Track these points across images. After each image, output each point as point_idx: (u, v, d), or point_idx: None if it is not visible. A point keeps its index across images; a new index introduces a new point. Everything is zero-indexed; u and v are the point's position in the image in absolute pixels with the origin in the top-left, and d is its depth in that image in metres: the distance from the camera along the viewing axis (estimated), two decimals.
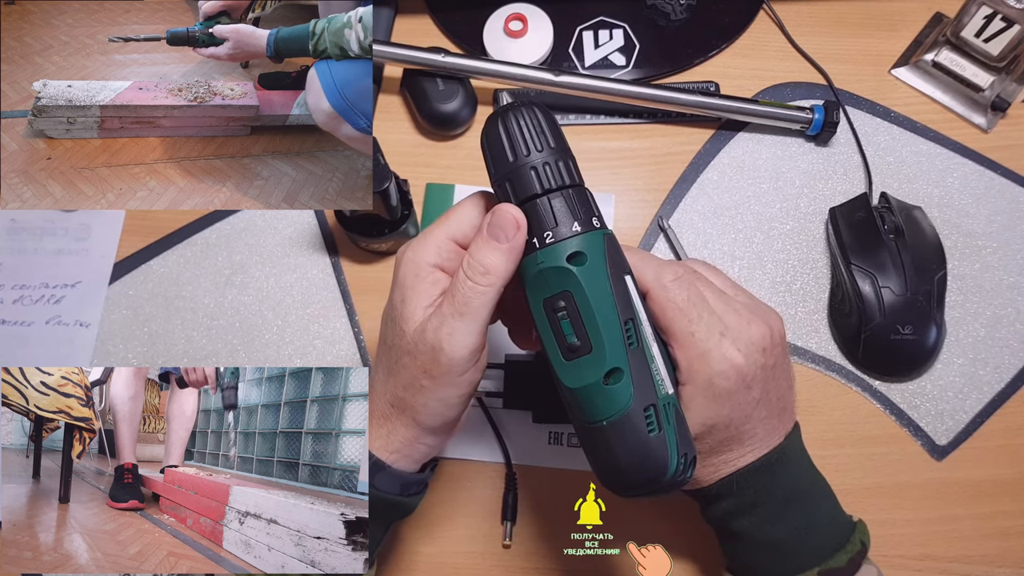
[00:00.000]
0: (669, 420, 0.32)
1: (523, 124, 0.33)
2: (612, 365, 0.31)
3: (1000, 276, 0.55)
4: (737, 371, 0.34)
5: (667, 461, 0.31)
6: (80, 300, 0.58)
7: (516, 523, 0.50)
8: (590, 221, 0.33)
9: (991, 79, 0.59)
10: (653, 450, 0.31)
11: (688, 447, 0.32)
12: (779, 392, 0.37)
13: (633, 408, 0.31)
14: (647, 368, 0.32)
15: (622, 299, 0.32)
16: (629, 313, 0.32)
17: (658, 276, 0.35)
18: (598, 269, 0.32)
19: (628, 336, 0.32)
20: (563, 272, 0.32)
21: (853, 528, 0.38)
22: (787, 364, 0.38)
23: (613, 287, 0.32)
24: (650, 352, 0.33)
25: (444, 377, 0.34)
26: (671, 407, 0.32)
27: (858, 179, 0.59)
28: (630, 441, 0.31)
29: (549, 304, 0.32)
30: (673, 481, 0.31)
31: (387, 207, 0.52)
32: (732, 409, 0.35)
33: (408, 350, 0.35)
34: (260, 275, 0.59)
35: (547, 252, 0.32)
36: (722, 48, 0.64)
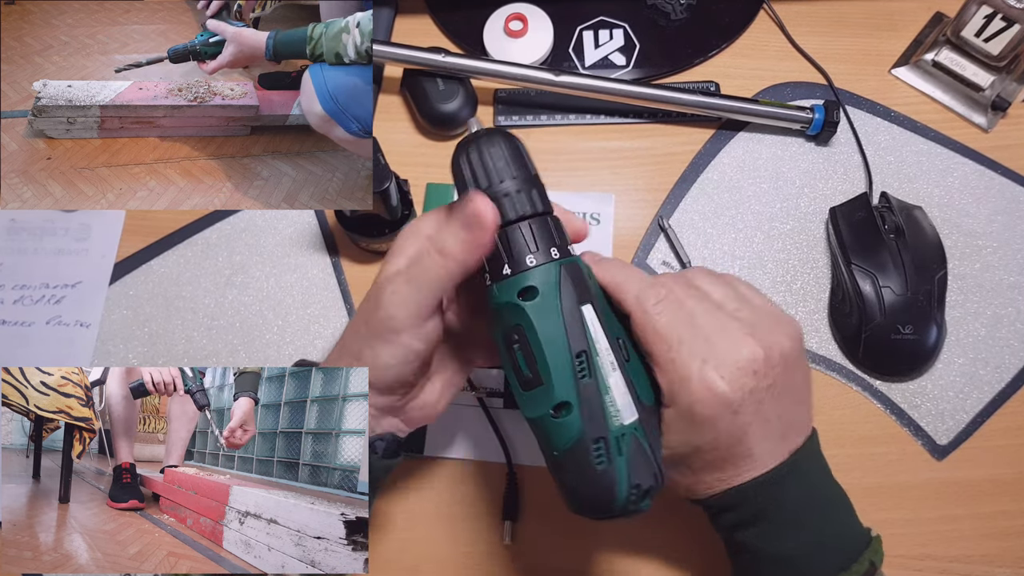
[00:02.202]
0: (622, 451, 0.32)
1: (489, 153, 0.34)
2: (560, 399, 0.32)
3: (1000, 276, 0.55)
4: (719, 398, 0.33)
5: (615, 494, 0.32)
6: (80, 300, 0.58)
7: (517, 522, 0.50)
8: (548, 252, 0.33)
9: (991, 79, 0.59)
10: (600, 482, 0.32)
11: (642, 477, 0.32)
12: (780, 411, 0.35)
13: (581, 441, 0.32)
14: (600, 400, 0.32)
15: (575, 331, 0.32)
16: (582, 346, 0.32)
17: (640, 300, 0.35)
18: (550, 304, 0.32)
19: (580, 369, 0.32)
20: (515, 308, 0.32)
21: (866, 545, 0.37)
22: (793, 381, 0.36)
23: (566, 321, 0.32)
24: (604, 383, 0.32)
25: (377, 328, 0.35)
26: (627, 437, 0.32)
27: (858, 179, 0.59)
28: (580, 472, 0.32)
29: (506, 337, 0.33)
30: (625, 511, 0.32)
31: (387, 207, 0.52)
32: (718, 434, 0.34)
33: (367, 295, 0.37)
34: (260, 275, 0.59)
35: (501, 287, 0.33)
36: (722, 48, 0.64)
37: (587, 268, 0.35)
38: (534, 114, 0.62)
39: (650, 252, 0.58)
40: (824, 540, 0.36)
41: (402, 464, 0.52)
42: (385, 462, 0.39)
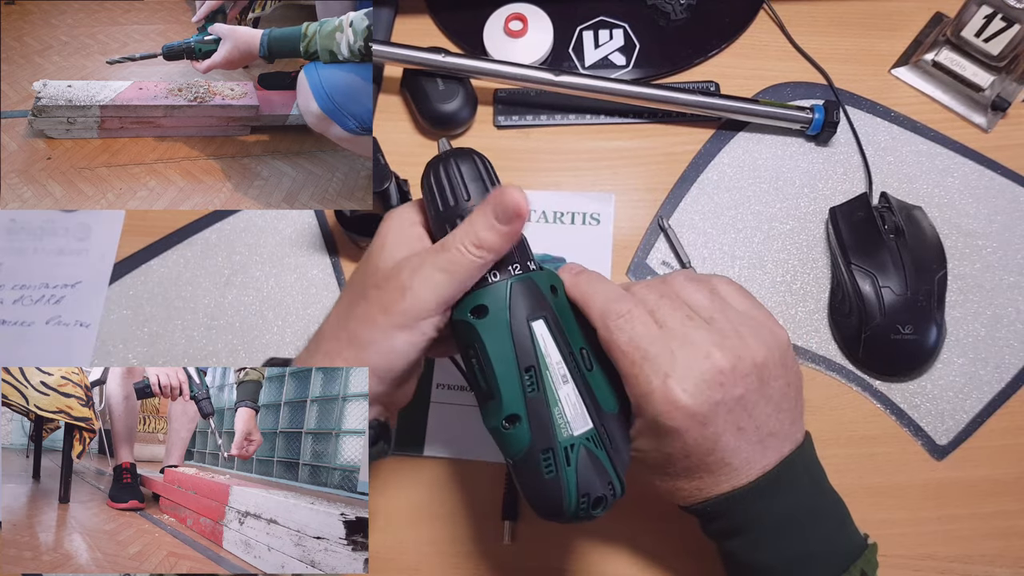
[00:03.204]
0: (570, 462, 0.33)
1: (464, 170, 0.36)
2: (509, 412, 0.33)
3: (1000, 276, 0.55)
4: (682, 411, 0.33)
5: (562, 502, 0.33)
6: (80, 300, 0.58)
7: (516, 522, 0.50)
8: (507, 268, 0.35)
9: (991, 79, 0.59)
10: (548, 491, 0.33)
11: (595, 487, 0.33)
12: (758, 421, 0.35)
13: (529, 452, 0.33)
14: (548, 413, 0.33)
15: (524, 347, 0.34)
16: (530, 361, 0.34)
17: (603, 316, 0.35)
18: (499, 321, 0.34)
19: (528, 384, 0.33)
20: (467, 325, 0.34)
21: (859, 555, 0.36)
22: (770, 390, 0.35)
23: (515, 337, 0.34)
24: (554, 396, 0.34)
25: (400, 316, 0.35)
26: (576, 448, 0.33)
27: (858, 179, 0.59)
28: (531, 480, 0.34)
29: (464, 352, 0.35)
30: (576, 517, 0.33)
31: (387, 207, 0.52)
32: (686, 444, 0.34)
33: (376, 283, 0.36)
34: (260, 275, 0.59)
35: (459, 305, 0.35)
36: (722, 48, 0.64)
37: (549, 281, 0.36)
38: (534, 114, 0.62)
39: (650, 252, 0.58)
40: (812, 551, 0.36)
41: (402, 464, 0.52)
42: (374, 449, 0.39)
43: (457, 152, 0.37)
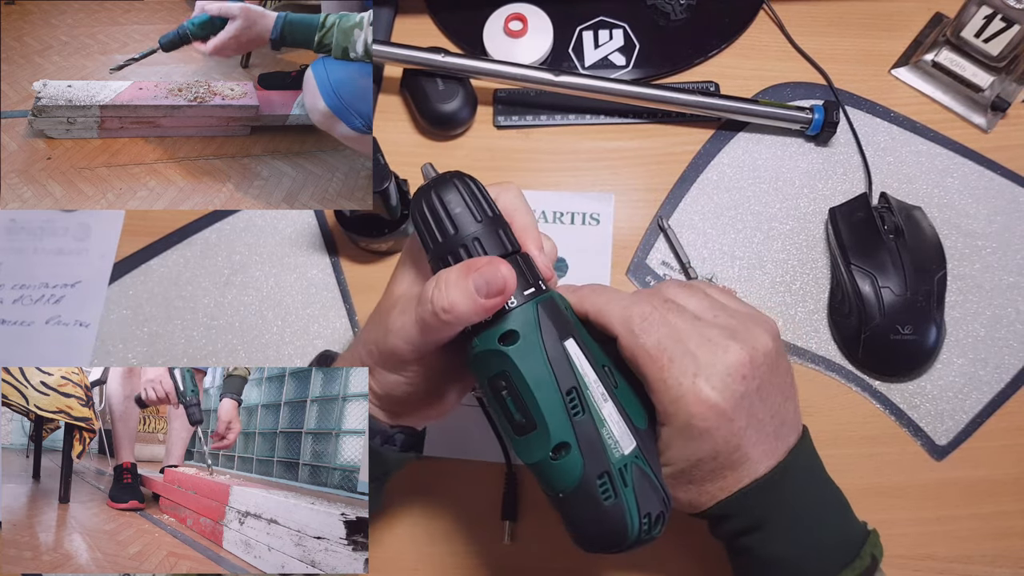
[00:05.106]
0: (627, 482, 0.32)
1: (448, 200, 0.33)
2: (557, 440, 0.31)
3: (1000, 276, 0.55)
4: (714, 410, 0.33)
5: (626, 527, 0.31)
6: (80, 300, 0.58)
7: (516, 522, 0.50)
8: (523, 292, 0.32)
9: (991, 79, 0.59)
10: (610, 518, 0.31)
11: (651, 504, 0.32)
12: (772, 411, 0.36)
13: (585, 479, 0.31)
14: (597, 435, 0.31)
15: (562, 369, 0.31)
16: (571, 382, 0.31)
17: (625, 321, 0.35)
18: (532, 345, 0.31)
19: (572, 406, 0.31)
20: (497, 354, 0.31)
21: (865, 539, 0.37)
22: (778, 378, 0.36)
23: (550, 359, 0.31)
24: (599, 416, 0.32)
25: (382, 357, 0.35)
26: (629, 467, 0.32)
27: (858, 179, 0.59)
28: (587, 511, 0.31)
29: (492, 384, 0.32)
30: (639, 541, 0.32)
31: (387, 207, 0.52)
32: (716, 443, 0.34)
33: (377, 312, 0.37)
34: (260, 275, 0.59)
35: (481, 338, 0.32)
36: (722, 48, 0.64)
37: (563, 300, 0.34)
38: (534, 114, 0.62)
39: (650, 252, 0.58)
40: (825, 538, 0.37)
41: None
42: (402, 455, 0.39)
43: (439, 180, 0.33)
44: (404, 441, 0.39)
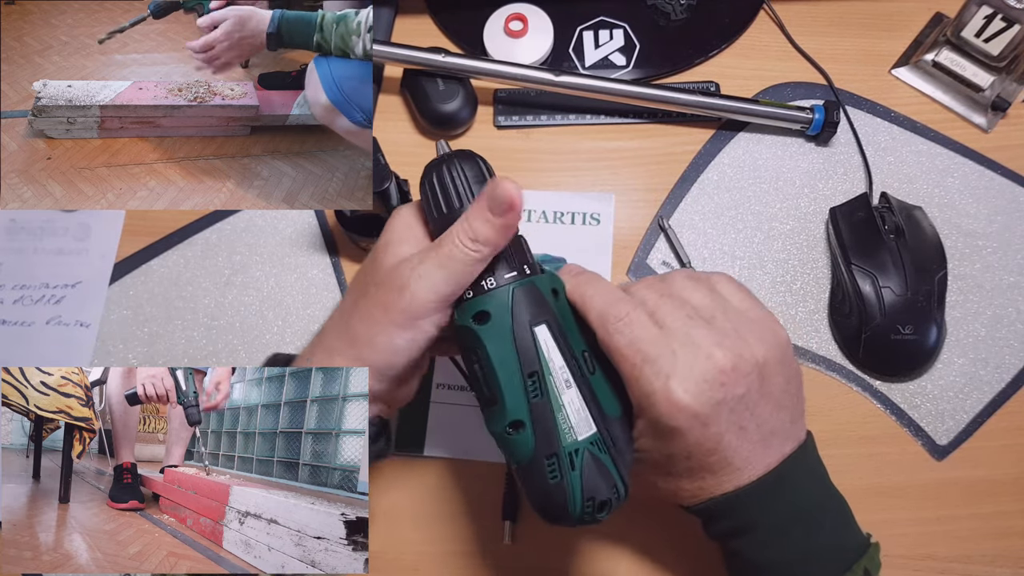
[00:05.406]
0: (575, 466, 0.33)
1: (465, 171, 0.36)
2: (513, 418, 0.33)
3: (1000, 276, 0.55)
4: (684, 411, 0.33)
5: (567, 506, 0.33)
6: (80, 300, 0.58)
7: (516, 522, 0.50)
8: (503, 276, 0.35)
9: (991, 79, 0.59)
10: (553, 496, 0.33)
11: (600, 491, 0.33)
12: (758, 419, 0.35)
13: (535, 457, 0.33)
14: (552, 419, 0.33)
15: (527, 353, 0.33)
16: (533, 367, 0.33)
17: (602, 318, 0.35)
18: (501, 328, 0.34)
19: (531, 390, 0.33)
20: (470, 331, 0.34)
21: (863, 553, 0.37)
22: (772, 388, 0.36)
23: (517, 343, 0.33)
24: (557, 401, 0.34)
25: (399, 314, 0.35)
26: (581, 452, 0.33)
27: (858, 179, 0.59)
28: (536, 485, 0.34)
29: (467, 357, 0.35)
30: (581, 521, 0.33)
31: (387, 207, 0.52)
32: (688, 444, 0.34)
33: (378, 282, 0.36)
34: (260, 275, 0.59)
35: (461, 310, 0.35)
36: (722, 48, 0.64)
37: (550, 284, 0.36)
38: (534, 114, 0.62)
39: (650, 252, 0.58)
40: (816, 549, 0.36)
41: (402, 464, 0.52)
42: (374, 447, 0.39)
43: (460, 153, 0.36)
44: (373, 433, 0.39)
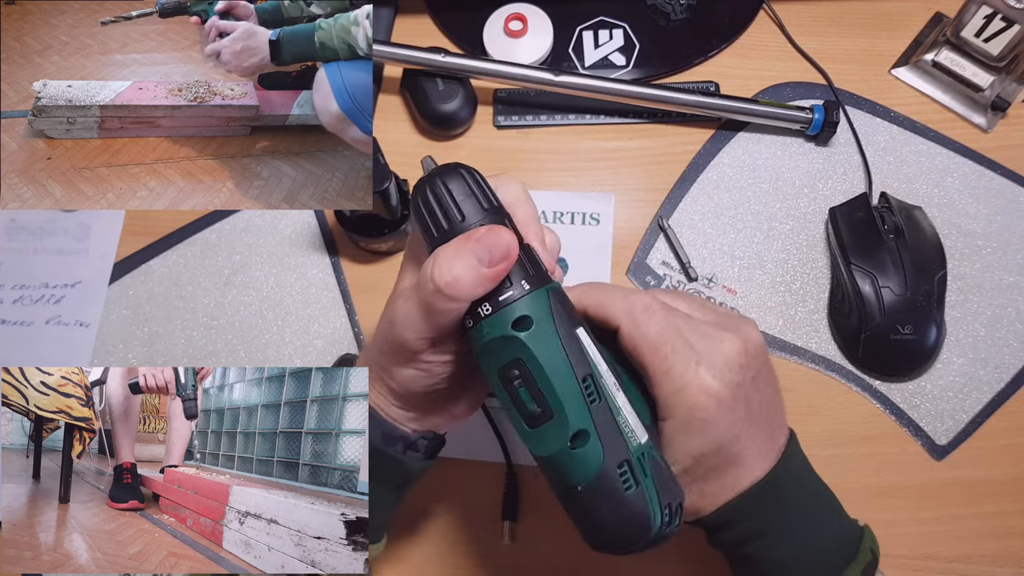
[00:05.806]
0: (646, 472, 0.30)
1: (453, 188, 0.32)
2: (576, 428, 0.30)
3: (1000, 276, 0.55)
4: (715, 399, 0.33)
5: (649, 517, 0.30)
6: (80, 300, 0.58)
7: (516, 522, 0.50)
8: (533, 279, 0.31)
9: (991, 79, 0.59)
10: (633, 508, 0.30)
11: (671, 495, 0.31)
12: (765, 402, 0.36)
13: (606, 468, 0.30)
14: (614, 422, 0.31)
15: (576, 355, 0.31)
16: (586, 369, 0.31)
17: (628, 310, 0.34)
18: (546, 330, 0.30)
19: (588, 393, 0.30)
20: (510, 340, 0.30)
21: (861, 536, 0.37)
22: (769, 371, 0.36)
23: (565, 345, 0.30)
24: (615, 404, 0.31)
25: (394, 351, 0.34)
26: (646, 457, 0.31)
27: (858, 179, 0.59)
28: (608, 503, 0.30)
29: (503, 374, 0.31)
30: (660, 535, 0.31)
31: (387, 207, 0.52)
32: (718, 435, 0.34)
33: (385, 310, 0.36)
34: (260, 275, 0.59)
35: (491, 322, 0.31)
36: (722, 48, 0.64)
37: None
38: (534, 114, 0.62)
39: (650, 252, 0.58)
40: (825, 537, 0.37)
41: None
42: (426, 462, 0.39)
43: (443, 170, 0.33)
44: (427, 447, 0.38)
